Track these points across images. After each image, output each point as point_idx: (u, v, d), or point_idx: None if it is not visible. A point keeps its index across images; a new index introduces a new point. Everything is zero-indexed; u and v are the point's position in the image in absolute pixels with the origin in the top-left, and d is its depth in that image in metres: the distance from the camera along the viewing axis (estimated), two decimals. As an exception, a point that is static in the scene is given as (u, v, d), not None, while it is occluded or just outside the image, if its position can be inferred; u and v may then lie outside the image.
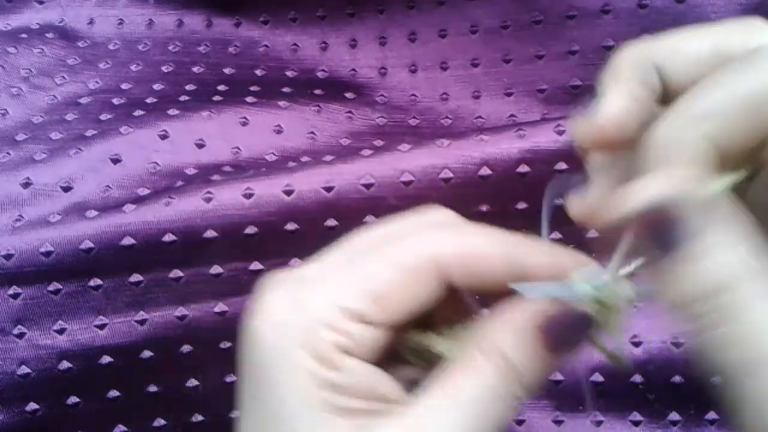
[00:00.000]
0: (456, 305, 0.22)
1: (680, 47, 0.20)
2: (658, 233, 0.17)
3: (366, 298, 0.19)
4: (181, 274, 0.34)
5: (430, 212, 0.23)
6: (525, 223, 0.37)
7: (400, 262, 0.20)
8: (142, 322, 0.34)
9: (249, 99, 0.39)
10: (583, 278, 0.20)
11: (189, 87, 0.41)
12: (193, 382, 0.35)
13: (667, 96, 0.20)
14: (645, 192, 0.17)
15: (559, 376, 0.35)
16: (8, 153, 0.36)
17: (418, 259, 0.20)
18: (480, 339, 0.20)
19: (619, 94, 0.20)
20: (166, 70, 0.42)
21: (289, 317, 0.20)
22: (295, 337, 0.19)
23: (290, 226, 0.34)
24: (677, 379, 0.35)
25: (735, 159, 0.18)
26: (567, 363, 0.35)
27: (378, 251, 0.20)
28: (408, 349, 0.21)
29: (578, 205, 0.21)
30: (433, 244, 0.20)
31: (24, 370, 0.33)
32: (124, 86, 0.41)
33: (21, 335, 0.33)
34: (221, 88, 0.41)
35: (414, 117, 0.41)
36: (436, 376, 0.20)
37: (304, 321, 0.19)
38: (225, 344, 0.35)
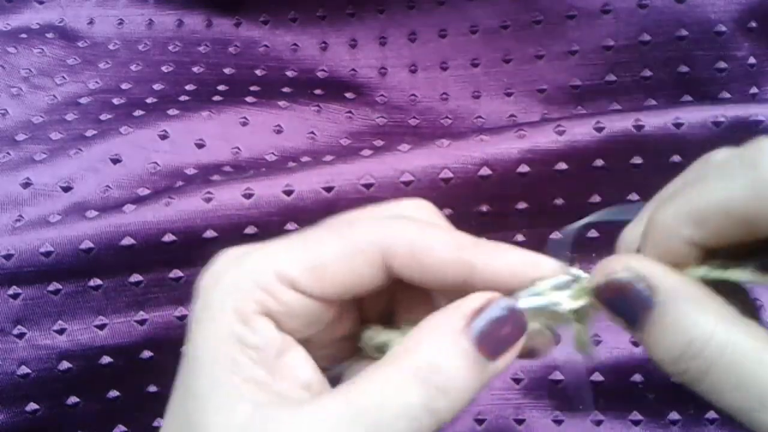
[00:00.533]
0: (421, 304, 0.22)
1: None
2: (618, 306, 0.19)
3: (302, 266, 0.20)
4: (181, 274, 0.34)
5: (406, 204, 0.23)
6: (525, 223, 0.37)
7: (344, 241, 0.20)
8: (142, 322, 0.34)
9: (249, 99, 0.39)
10: (548, 284, 0.20)
11: (189, 87, 0.41)
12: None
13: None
14: (604, 270, 0.19)
15: (558, 376, 0.35)
16: (8, 153, 0.36)
17: (363, 241, 0.20)
18: (407, 340, 0.19)
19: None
20: (166, 70, 0.42)
21: (223, 270, 0.20)
22: (229, 293, 0.20)
23: (290, 226, 0.34)
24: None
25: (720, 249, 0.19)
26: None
27: (330, 230, 0.21)
28: (366, 344, 0.21)
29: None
30: (383, 231, 0.20)
31: (24, 370, 0.33)
32: (124, 86, 0.41)
33: (21, 335, 0.33)
34: (221, 88, 0.41)
35: (414, 117, 0.41)
36: (357, 373, 0.19)
37: (236, 275, 0.20)
38: (225, 344, 0.35)
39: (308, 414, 0.18)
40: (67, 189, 0.35)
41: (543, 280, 0.20)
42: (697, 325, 0.17)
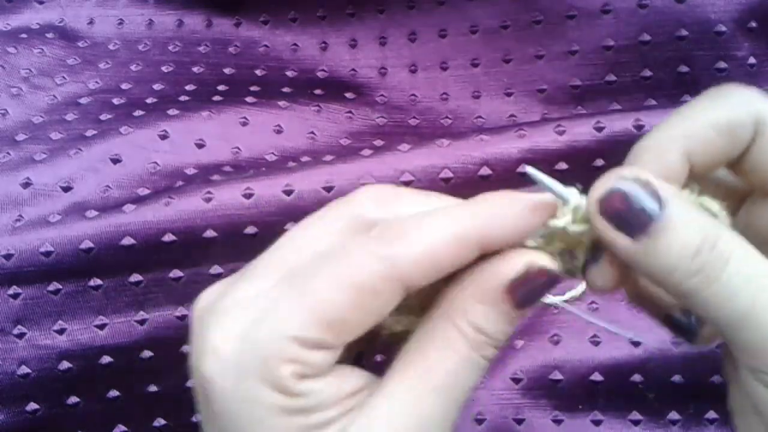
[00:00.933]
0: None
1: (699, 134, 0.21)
2: (625, 216, 0.18)
3: (319, 325, 0.18)
4: (181, 274, 0.34)
5: (351, 199, 0.21)
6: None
7: (350, 282, 0.19)
8: (142, 322, 0.34)
9: (249, 99, 0.39)
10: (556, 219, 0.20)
11: (189, 87, 0.41)
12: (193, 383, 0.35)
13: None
14: (605, 182, 0.19)
15: (558, 376, 0.35)
16: (8, 153, 0.36)
17: (370, 277, 0.19)
18: (447, 310, 0.20)
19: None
20: (166, 70, 0.42)
21: (243, 357, 0.19)
22: (255, 376, 0.18)
23: (290, 226, 0.34)
24: (677, 378, 0.35)
25: (703, 172, 0.21)
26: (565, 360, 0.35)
27: (321, 268, 0.19)
28: (386, 332, 0.21)
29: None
30: (385, 256, 0.19)
31: (24, 370, 0.33)
32: (124, 86, 0.41)
33: (21, 335, 0.33)
34: (221, 88, 0.41)
35: (414, 117, 0.41)
36: (404, 355, 0.19)
37: (260, 359, 0.18)
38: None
39: (378, 410, 0.19)
40: (67, 189, 0.35)
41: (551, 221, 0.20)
42: (708, 222, 0.18)
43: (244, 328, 0.19)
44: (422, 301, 0.21)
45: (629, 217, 0.18)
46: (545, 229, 0.20)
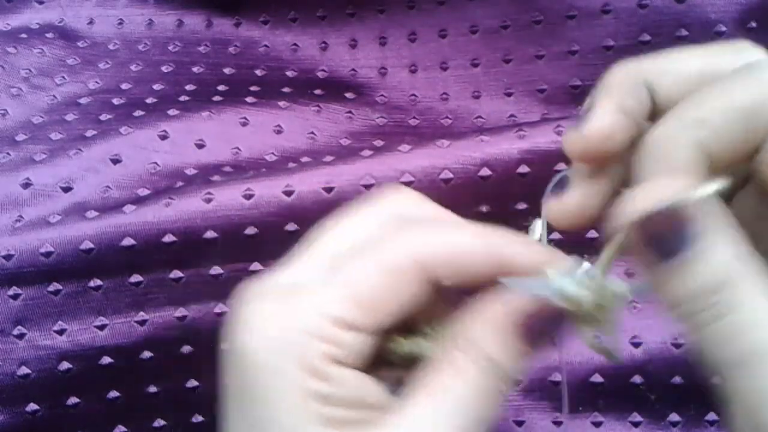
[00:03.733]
0: (434, 303, 0.22)
1: (670, 66, 0.20)
2: (659, 239, 0.17)
3: (353, 304, 0.19)
4: (181, 274, 0.34)
5: (392, 198, 0.22)
6: (525, 224, 0.37)
7: (384, 266, 0.20)
8: (142, 323, 0.34)
9: (249, 99, 0.39)
10: (559, 273, 0.20)
11: (189, 87, 0.41)
12: (193, 383, 0.36)
13: (656, 113, 0.20)
14: (646, 199, 0.18)
15: (558, 377, 0.35)
16: (8, 153, 0.36)
17: (402, 261, 0.20)
18: (459, 338, 0.20)
19: (608, 109, 0.20)
20: (166, 70, 0.42)
21: (279, 332, 0.19)
22: (288, 352, 0.19)
23: (290, 227, 0.34)
24: (677, 379, 0.35)
25: (724, 166, 0.18)
26: (562, 362, 0.35)
27: (359, 254, 0.20)
28: (394, 353, 0.21)
29: (556, 207, 0.22)
30: (415, 244, 0.20)
31: (24, 370, 0.33)
32: (124, 86, 0.41)
33: (21, 336, 0.33)
34: (221, 88, 0.41)
35: (414, 117, 0.41)
36: (419, 380, 0.20)
37: (295, 334, 0.19)
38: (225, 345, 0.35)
39: (406, 427, 0.19)
40: (67, 189, 0.35)
41: (554, 270, 0.20)
42: (732, 260, 0.17)
43: (283, 306, 0.20)
44: (437, 325, 0.21)
45: (666, 241, 0.17)
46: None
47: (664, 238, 0.17)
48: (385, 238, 0.20)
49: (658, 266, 0.18)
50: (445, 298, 0.22)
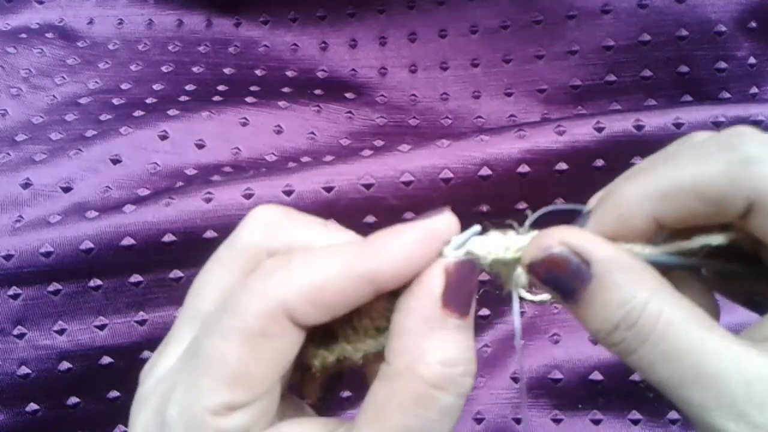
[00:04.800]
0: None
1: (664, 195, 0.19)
2: (555, 280, 0.18)
3: (223, 387, 0.18)
4: (181, 274, 0.34)
5: (255, 224, 0.21)
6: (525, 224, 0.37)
7: (241, 333, 0.18)
8: (142, 323, 0.34)
9: (249, 99, 0.39)
10: (456, 243, 0.19)
11: (189, 87, 0.41)
12: None
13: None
14: (539, 245, 0.19)
15: (557, 375, 0.35)
16: (8, 153, 0.36)
17: (259, 321, 0.18)
18: (392, 348, 0.18)
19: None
20: (166, 70, 0.42)
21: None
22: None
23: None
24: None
25: (683, 226, 0.19)
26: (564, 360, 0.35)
27: (215, 326, 0.18)
28: (317, 366, 0.20)
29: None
30: (269, 296, 0.18)
31: (24, 370, 0.33)
32: (124, 86, 0.41)
33: (21, 336, 0.33)
34: (221, 88, 0.41)
35: (414, 117, 0.41)
36: (369, 399, 0.18)
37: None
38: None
39: None
40: (67, 189, 0.35)
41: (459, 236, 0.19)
42: (632, 296, 0.17)
43: (161, 411, 0.19)
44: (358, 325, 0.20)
45: (559, 283, 0.18)
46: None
47: (556, 280, 0.18)
48: (237, 295, 0.19)
49: (564, 303, 0.19)
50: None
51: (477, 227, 0.20)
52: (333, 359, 0.20)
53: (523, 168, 0.35)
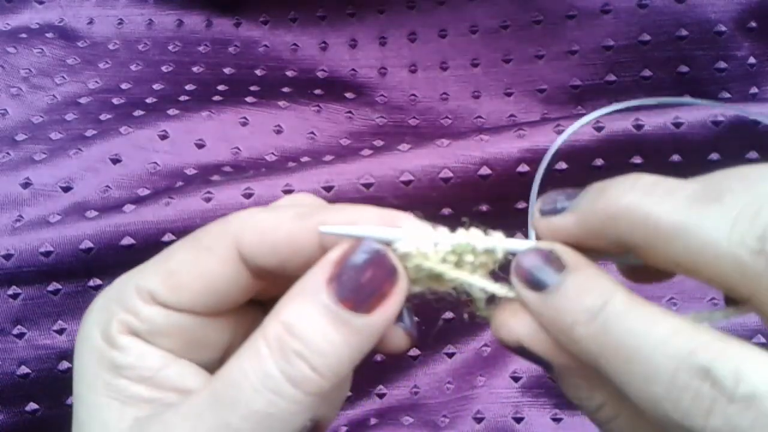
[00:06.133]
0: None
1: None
2: (531, 271, 0.20)
3: (161, 280, 0.20)
4: (181, 274, 0.34)
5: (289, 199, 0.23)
6: (525, 223, 0.37)
7: (195, 245, 0.20)
8: (142, 322, 0.34)
9: (249, 99, 0.39)
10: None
11: (189, 87, 0.41)
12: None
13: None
14: (527, 243, 0.21)
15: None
16: (8, 153, 0.36)
17: (210, 238, 0.20)
18: (265, 322, 0.18)
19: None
20: (166, 70, 0.42)
21: (94, 302, 0.20)
22: (93, 318, 0.20)
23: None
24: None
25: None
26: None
27: (185, 239, 0.21)
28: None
29: (546, 224, 0.22)
30: (227, 224, 0.20)
31: (24, 370, 0.33)
32: (124, 86, 0.41)
33: (21, 335, 0.33)
34: (221, 88, 0.41)
35: (414, 117, 0.41)
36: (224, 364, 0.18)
37: (102, 301, 0.20)
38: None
39: (178, 413, 0.18)
40: (67, 189, 0.35)
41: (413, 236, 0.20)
42: (596, 291, 0.18)
43: (114, 284, 0.21)
44: None
45: (537, 275, 0.20)
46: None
47: (536, 273, 0.20)
48: (212, 224, 0.21)
49: (530, 302, 0.20)
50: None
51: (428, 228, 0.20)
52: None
53: (523, 167, 0.35)
